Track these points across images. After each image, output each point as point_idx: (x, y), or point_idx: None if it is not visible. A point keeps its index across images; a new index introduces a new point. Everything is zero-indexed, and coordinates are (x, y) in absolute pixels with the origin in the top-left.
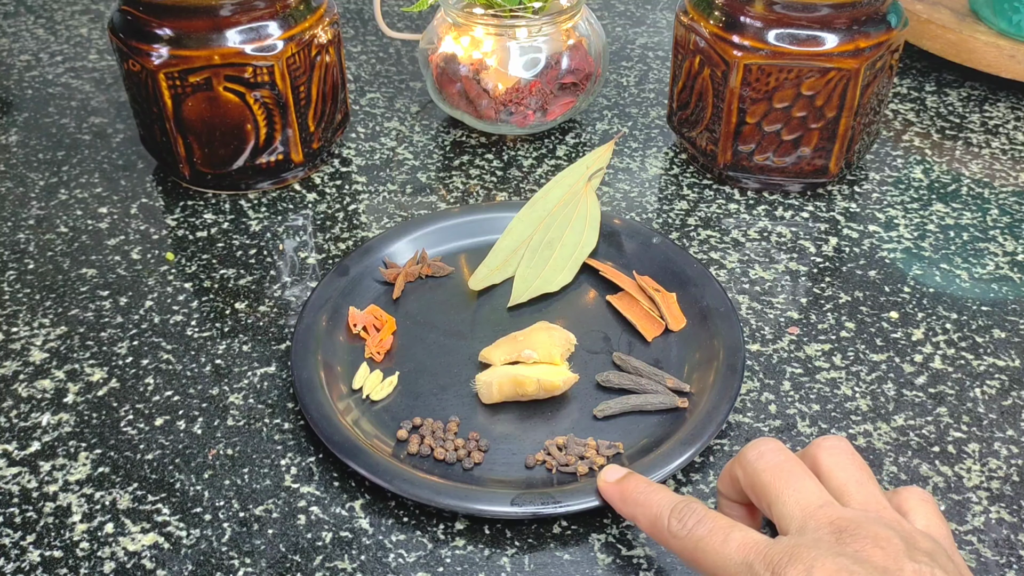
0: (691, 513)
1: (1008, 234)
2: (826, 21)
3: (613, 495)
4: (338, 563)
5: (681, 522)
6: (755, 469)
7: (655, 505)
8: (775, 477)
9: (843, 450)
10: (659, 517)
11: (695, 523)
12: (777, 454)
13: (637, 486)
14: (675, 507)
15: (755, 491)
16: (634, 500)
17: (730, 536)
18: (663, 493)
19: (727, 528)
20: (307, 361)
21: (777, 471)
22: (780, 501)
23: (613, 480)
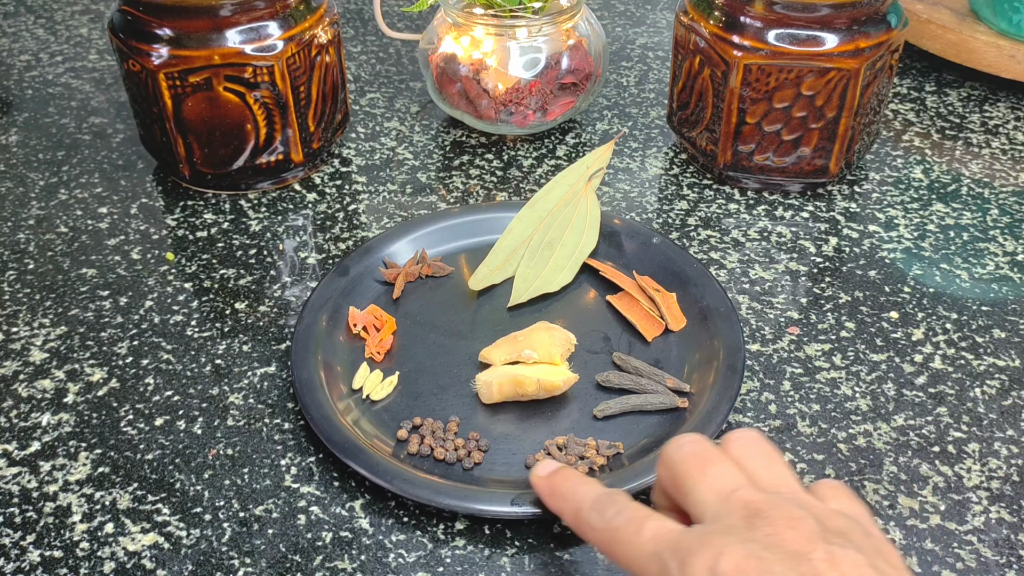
0: (611, 504)
1: (1008, 234)
2: (826, 21)
3: (542, 489)
4: (338, 563)
5: (600, 514)
6: (673, 461)
7: (579, 498)
8: (691, 465)
9: (753, 438)
10: (580, 509)
11: (613, 514)
12: (694, 444)
13: (566, 480)
14: (596, 499)
15: (675, 484)
16: (560, 494)
17: (644, 526)
18: (589, 486)
19: (643, 519)
20: (307, 361)
21: (693, 459)
22: (696, 489)
23: (544, 474)
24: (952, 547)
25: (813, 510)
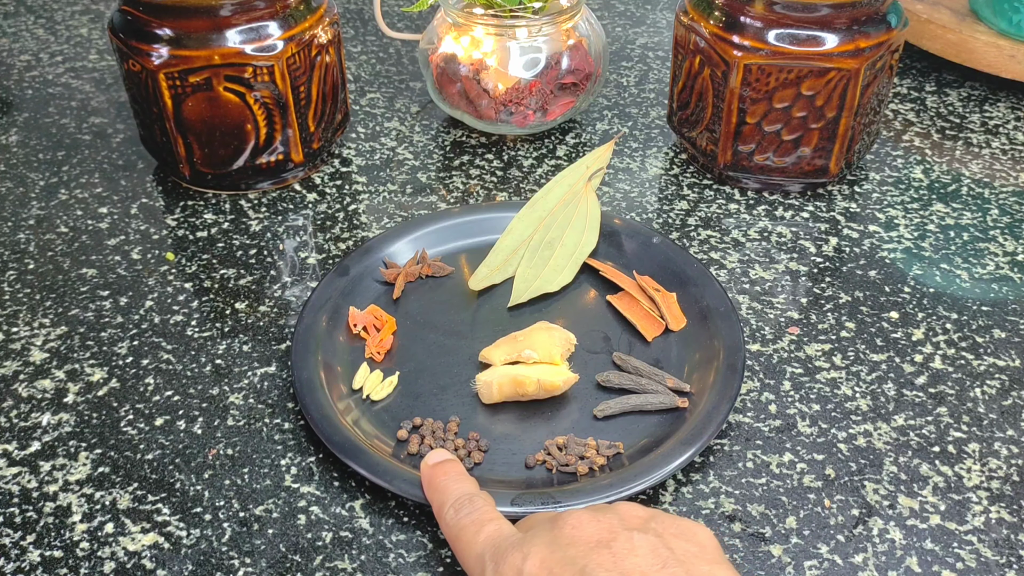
0: (467, 504)
1: (1008, 234)
2: (826, 21)
3: (424, 477)
4: (338, 563)
5: (456, 512)
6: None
7: (447, 494)
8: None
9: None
10: (443, 504)
11: (464, 515)
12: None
13: (444, 474)
14: (459, 498)
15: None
16: (435, 486)
17: (483, 529)
18: (461, 485)
19: (485, 522)
20: (307, 361)
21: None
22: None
23: (430, 463)
24: (952, 547)
25: (616, 513)
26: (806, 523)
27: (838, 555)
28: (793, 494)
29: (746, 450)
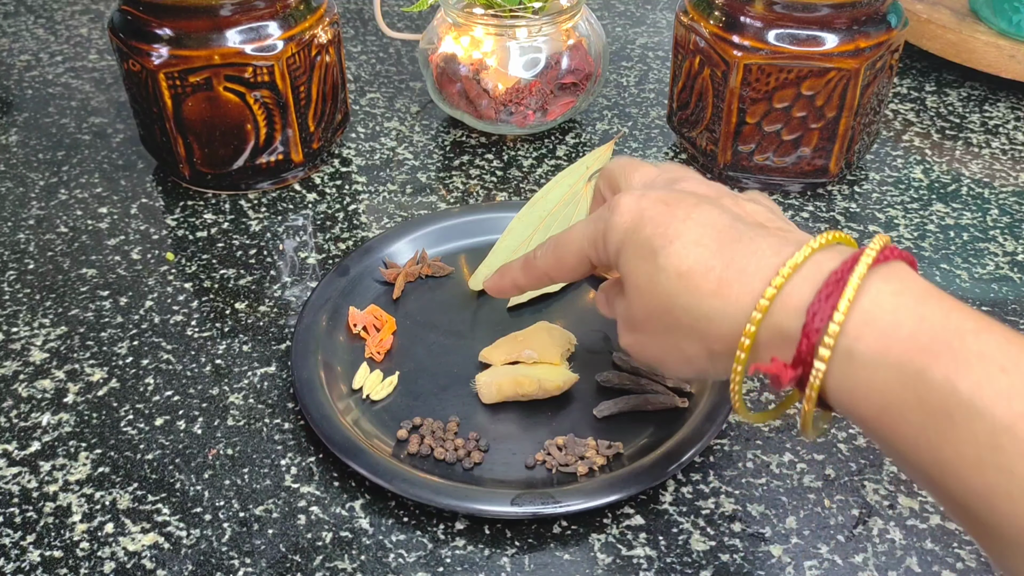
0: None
1: (1008, 234)
2: (826, 21)
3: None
4: (338, 563)
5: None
6: (609, 170)
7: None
8: (625, 167)
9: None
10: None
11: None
12: (628, 158)
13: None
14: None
15: (609, 185)
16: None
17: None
18: None
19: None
20: (307, 361)
21: (627, 164)
22: (627, 181)
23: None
24: (952, 547)
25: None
26: (806, 523)
27: (838, 555)
28: (793, 494)
29: (746, 450)
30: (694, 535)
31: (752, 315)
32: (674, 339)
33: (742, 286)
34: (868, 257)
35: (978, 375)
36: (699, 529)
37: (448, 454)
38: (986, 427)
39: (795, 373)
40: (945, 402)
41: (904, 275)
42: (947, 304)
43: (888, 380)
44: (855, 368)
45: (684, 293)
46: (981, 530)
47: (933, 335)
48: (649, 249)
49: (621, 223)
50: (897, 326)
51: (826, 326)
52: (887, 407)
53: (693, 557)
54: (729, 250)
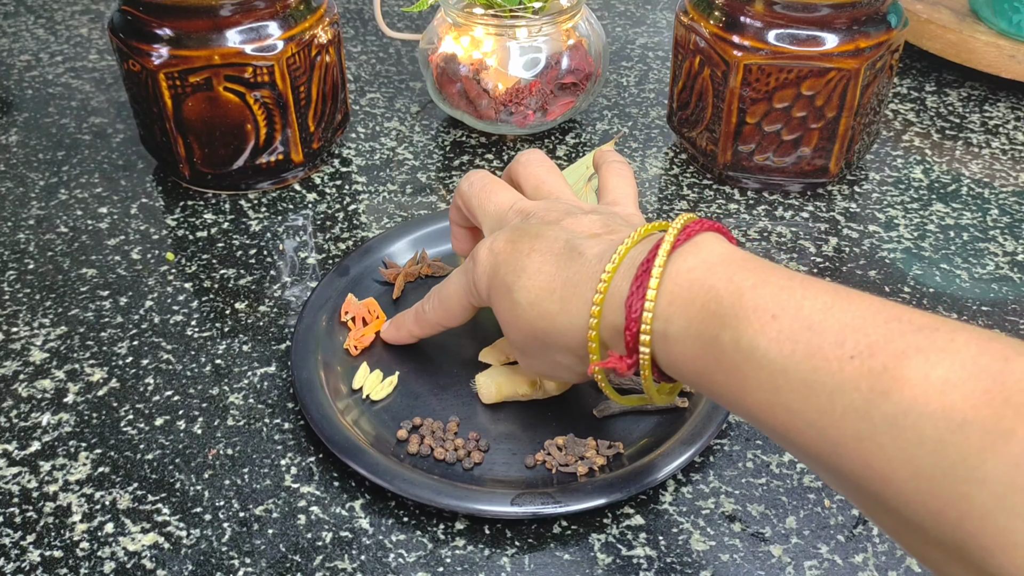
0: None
1: (1008, 234)
2: (826, 21)
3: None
4: (338, 563)
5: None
6: (464, 194)
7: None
8: (479, 195)
9: (534, 160)
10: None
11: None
12: (482, 179)
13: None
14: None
15: (469, 211)
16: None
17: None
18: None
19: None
20: (307, 361)
21: (481, 190)
22: (482, 211)
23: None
24: None
25: (569, 204)
26: (806, 523)
27: (838, 555)
28: (793, 494)
29: (746, 450)
30: (694, 535)
31: (589, 322)
32: (550, 355)
33: (578, 299)
34: (667, 242)
35: (754, 327)
36: (699, 529)
37: (448, 454)
38: (766, 372)
39: (630, 361)
40: (734, 358)
41: (703, 247)
42: (733, 267)
43: (694, 350)
44: (670, 345)
45: (538, 318)
46: (799, 459)
47: (719, 301)
48: (505, 288)
49: (482, 272)
50: (692, 301)
51: (640, 315)
52: (700, 372)
53: (693, 557)
54: (564, 270)
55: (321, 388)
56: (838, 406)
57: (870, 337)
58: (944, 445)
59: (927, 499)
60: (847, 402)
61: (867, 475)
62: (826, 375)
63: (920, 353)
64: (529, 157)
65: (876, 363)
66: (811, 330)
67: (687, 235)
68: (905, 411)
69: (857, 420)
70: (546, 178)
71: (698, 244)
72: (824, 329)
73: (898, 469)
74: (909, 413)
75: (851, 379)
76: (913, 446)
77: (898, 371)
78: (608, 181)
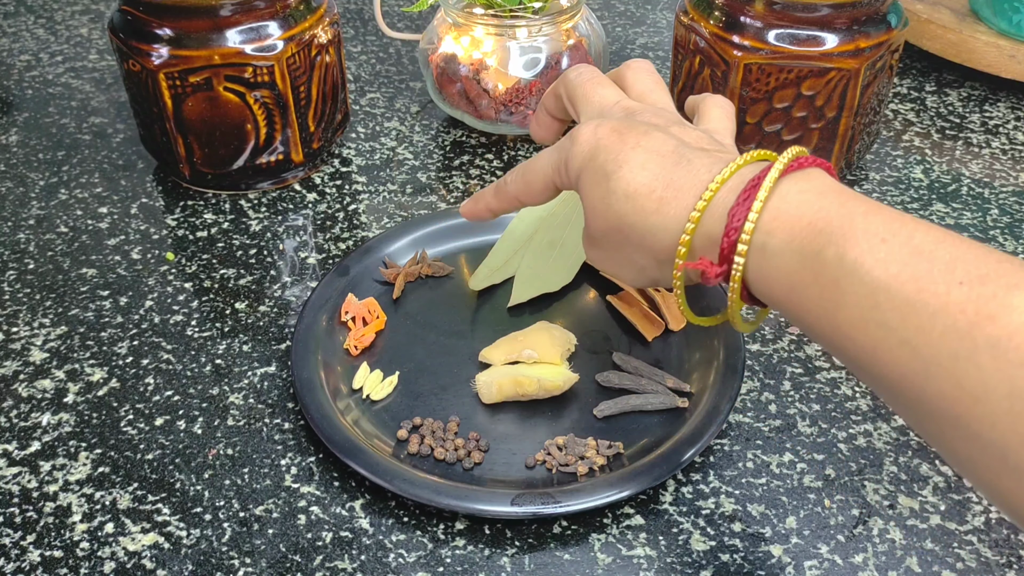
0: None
1: (1008, 234)
2: (826, 21)
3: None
4: (338, 563)
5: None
6: (571, 81)
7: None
8: (586, 86)
9: (645, 68)
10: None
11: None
12: (591, 71)
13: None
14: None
15: (571, 100)
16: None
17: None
18: None
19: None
20: (307, 361)
21: (588, 82)
22: (586, 100)
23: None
24: (952, 547)
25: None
26: (806, 523)
27: (838, 555)
28: (793, 494)
29: (746, 450)
30: (694, 535)
31: (686, 226)
32: (627, 252)
33: (679, 203)
34: (780, 164)
35: (861, 247)
36: (699, 529)
37: (448, 454)
38: (867, 289)
39: (720, 269)
40: (835, 274)
41: (814, 176)
42: (844, 196)
43: (792, 264)
44: (767, 258)
45: (631, 213)
46: (874, 383)
47: (828, 221)
48: (603, 174)
49: (579, 152)
50: (799, 217)
51: (743, 224)
52: (793, 287)
53: (693, 557)
54: (670, 172)
55: (321, 388)
56: (939, 325)
57: (981, 269)
58: None
59: (1018, 421)
60: (949, 322)
61: (956, 395)
62: (931, 296)
63: None
64: (640, 64)
65: (986, 290)
66: (920, 255)
67: (799, 165)
68: (1011, 334)
69: (957, 340)
70: (655, 88)
71: (807, 174)
72: (935, 257)
73: (994, 389)
74: (1015, 336)
75: (957, 302)
76: (1014, 366)
77: (1008, 299)
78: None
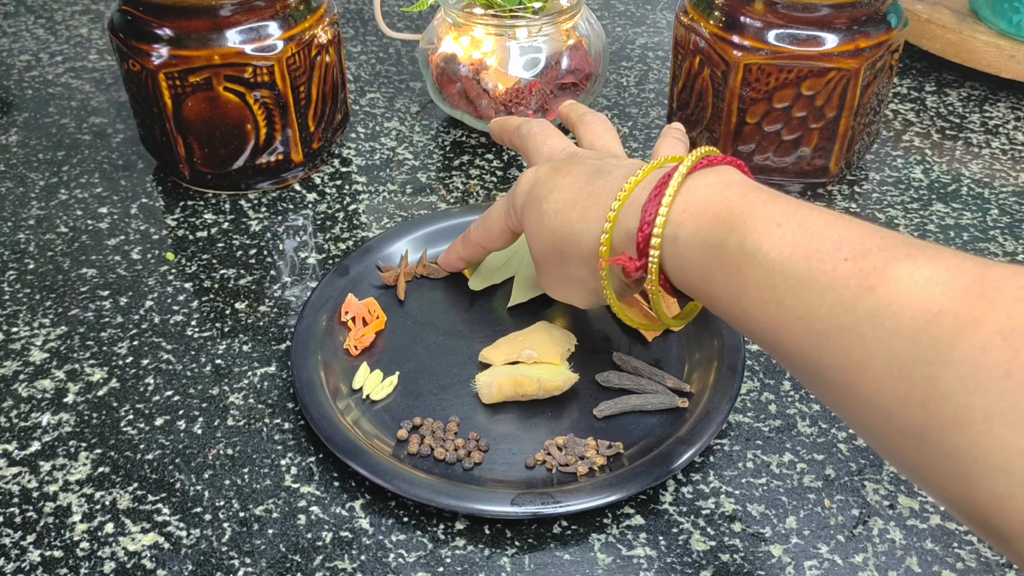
0: (525, 123)
1: (1008, 234)
2: (826, 21)
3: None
4: (338, 563)
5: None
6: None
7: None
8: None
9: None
10: (463, 235)
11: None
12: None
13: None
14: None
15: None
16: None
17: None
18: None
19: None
20: (307, 361)
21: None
22: (537, 152)
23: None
24: (952, 547)
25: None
26: (806, 523)
27: (838, 555)
28: (793, 494)
29: (746, 450)
30: (694, 535)
31: (604, 225)
32: (566, 268)
33: (598, 207)
34: (689, 161)
35: (759, 232)
36: (699, 529)
37: (448, 454)
38: (764, 271)
39: (639, 263)
40: (737, 260)
41: (721, 172)
42: (747, 187)
43: (701, 253)
44: (679, 249)
45: (560, 225)
46: (781, 360)
47: (730, 210)
48: (537, 201)
49: (521, 191)
50: (705, 209)
51: (654, 219)
52: (704, 276)
53: (693, 557)
54: (591, 184)
55: (321, 388)
56: (827, 300)
57: (865, 245)
58: (918, 333)
59: (897, 384)
60: (835, 297)
61: (845, 364)
62: (820, 274)
63: (909, 258)
64: (593, 116)
65: (867, 264)
66: (811, 236)
67: (709, 163)
68: (887, 304)
69: (843, 313)
70: (603, 134)
71: (716, 171)
72: (824, 237)
73: (875, 356)
74: (891, 305)
75: (842, 277)
76: (890, 334)
77: (886, 271)
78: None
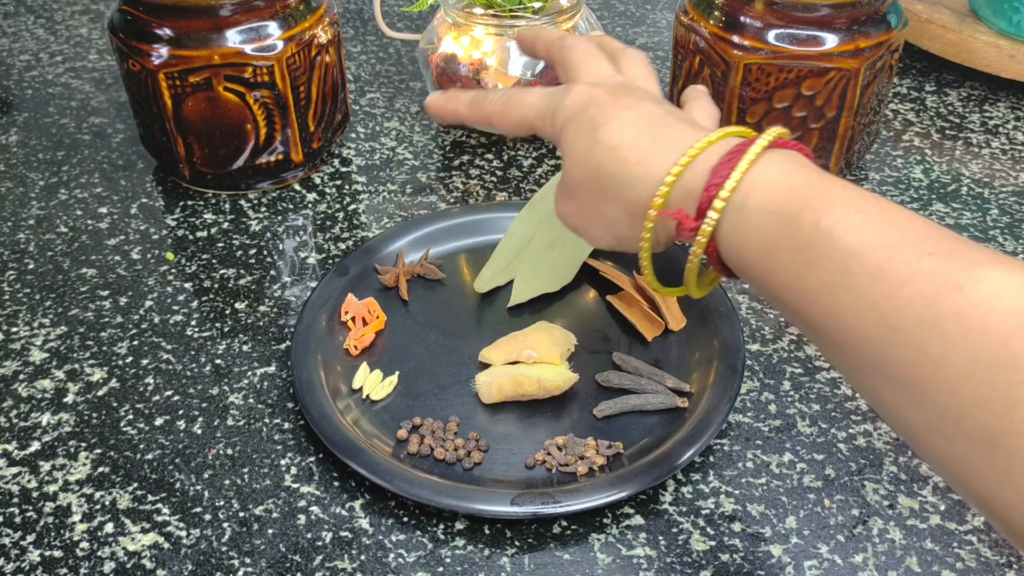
0: (492, 92)
1: (1008, 234)
2: (826, 21)
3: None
4: (338, 563)
5: (490, 95)
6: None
7: (466, 95)
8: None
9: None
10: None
11: (501, 93)
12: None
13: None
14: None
15: (564, 65)
16: (450, 96)
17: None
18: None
19: (528, 90)
20: (307, 361)
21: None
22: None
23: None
24: (952, 547)
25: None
26: (806, 523)
27: (838, 555)
28: (793, 494)
29: (746, 450)
30: (694, 535)
31: (666, 179)
32: (600, 204)
33: (661, 158)
34: (768, 136)
35: (837, 214)
36: (699, 529)
37: (448, 454)
38: (839, 254)
39: (696, 223)
40: (809, 237)
41: (794, 155)
42: (823, 172)
43: (768, 224)
44: (744, 217)
45: (613, 163)
46: (834, 350)
47: (808, 189)
48: (590, 125)
49: (571, 104)
50: (780, 183)
51: (723, 183)
52: (766, 248)
53: (693, 557)
54: (657, 133)
55: (321, 388)
56: (906, 292)
57: (950, 245)
58: (1007, 337)
59: (976, 386)
60: (917, 290)
61: (918, 360)
62: (901, 264)
63: (999, 264)
64: (637, 54)
65: (954, 263)
66: (893, 227)
67: (783, 144)
68: (975, 304)
69: (923, 306)
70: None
71: (790, 153)
72: (907, 230)
73: (955, 355)
74: (979, 306)
75: (926, 271)
76: (975, 334)
77: (974, 271)
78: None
